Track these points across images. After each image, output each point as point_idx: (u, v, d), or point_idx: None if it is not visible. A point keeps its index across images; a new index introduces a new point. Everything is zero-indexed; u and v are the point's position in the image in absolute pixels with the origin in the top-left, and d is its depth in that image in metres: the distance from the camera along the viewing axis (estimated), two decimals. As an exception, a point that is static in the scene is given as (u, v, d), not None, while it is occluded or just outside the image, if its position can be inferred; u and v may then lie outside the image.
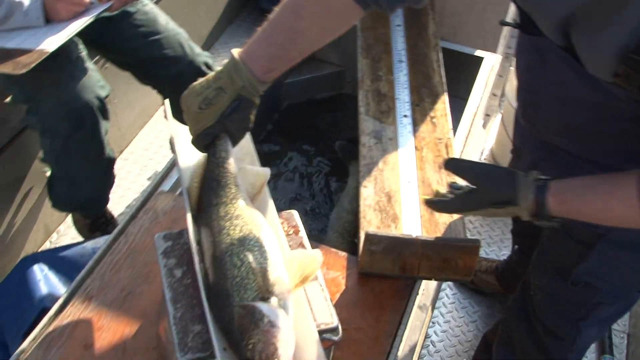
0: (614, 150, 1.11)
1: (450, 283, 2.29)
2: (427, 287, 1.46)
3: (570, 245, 1.30)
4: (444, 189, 1.25)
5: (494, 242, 2.49)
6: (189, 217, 1.10)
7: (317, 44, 1.15)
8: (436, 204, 1.20)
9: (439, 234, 1.37)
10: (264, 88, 1.14)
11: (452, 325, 2.17)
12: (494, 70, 2.02)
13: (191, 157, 1.23)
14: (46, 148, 1.90)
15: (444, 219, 1.41)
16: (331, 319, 1.07)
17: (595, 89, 1.03)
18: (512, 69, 2.23)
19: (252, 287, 0.98)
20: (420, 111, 1.69)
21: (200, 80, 1.13)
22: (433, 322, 2.17)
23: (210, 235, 1.06)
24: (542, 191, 1.08)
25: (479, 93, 1.90)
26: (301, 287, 1.02)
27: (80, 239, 2.28)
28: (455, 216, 1.42)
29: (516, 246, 2.04)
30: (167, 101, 1.33)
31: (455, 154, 1.59)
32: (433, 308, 2.00)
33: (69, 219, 2.34)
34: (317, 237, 1.91)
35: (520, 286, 1.59)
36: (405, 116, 1.67)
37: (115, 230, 1.39)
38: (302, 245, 1.18)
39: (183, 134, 1.28)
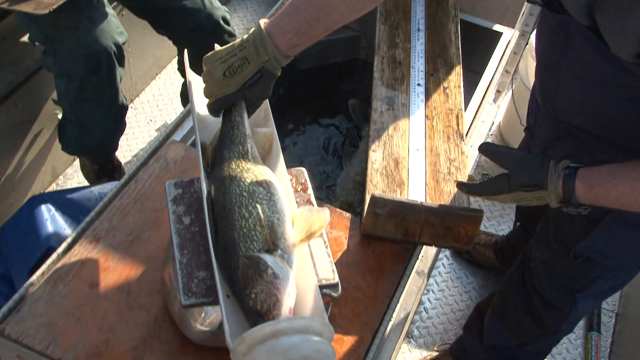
0: (632, 132, 1.13)
1: (447, 253, 2.32)
2: (425, 254, 1.49)
3: (575, 219, 1.32)
4: (478, 176, 1.29)
5: (494, 217, 2.51)
6: (201, 165, 1.12)
7: (343, 21, 1.16)
8: (468, 186, 1.25)
9: (443, 203, 1.39)
10: (287, 62, 1.16)
11: (446, 294, 2.21)
12: (510, 47, 2.02)
13: (205, 110, 1.25)
14: (61, 90, 1.92)
15: (449, 188, 1.43)
16: (332, 275, 1.10)
17: (618, 70, 1.04)
18: (528, 46, 2.22)
19: (258, 239, 1.00)
20: (434, 81, 1.70)
21: (226, 46, 1.15)
22: (427, 290, 2.21)
23: (221, 186, 1.08)
24: (571, 177, 1.12)
25: (493, 68, 1.91)
26: (306, 242, 1.05)
27: (86, 183, 2.31)
28: (460, 186, 1.44)
29: (518, 223, 2.07)
30: (186, 52, 1.34)
31: (465, 126, 1.60)
32: (429, 276, 2.03)
33: (77, 162, 2.36)
34: (325, 197, 1.94)
35: (520, 257, 1.62)
36: (418, 85, 1.67)
37: (126, 176, 1.41)
38: (309, 202, 1.20)
39: (201, 85, 1.30)
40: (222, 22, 2.06)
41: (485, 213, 2.53)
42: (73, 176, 2.40)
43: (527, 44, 2.15)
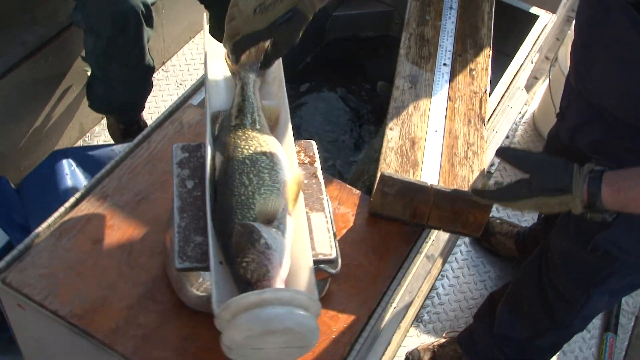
0: None
1: (466, 240, 2.29)
2: (437, 238, 1.47)
3: None
4: (492, 181, 1.26)
5: (519, 207, 2.46)
6: (208, 130, 1.11)
7: None
8: (484, 193, 1.21)
9: (455, 187, 1.36)
10: (320, 5, 1.13)
11: (461, 281, 2.18)
12: (546, 31, 1.95)
13: (220, 78, 1.24)
14: (89, 47, 1.93)
15: (464, 173, 1.40)
16: (330, 251, 1.09)
17: None
18: (571, 32, 2.15)
19: (255, 208, 0.99)
20: (461, 62, 1.65)
21: None
22: (442, 275, 2.18)
23: (225, 152, 1.07)
24: (596, 180, 1.08)
25: (525, 52, 1.84)
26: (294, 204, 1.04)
27: (111, 142, 2.33)
28: (476, 172, 1.40)
29: (542, 215, 2.02)
30: (205, 14, 1.33)
31: (489, 110, 1.56)
32: (445, 261, 2.01)
33: (105, 121, 2.38)
34: (337, 173, 1.92)
35: (538, 248, 1.58)
36: (444, 64, 1.63)
37: (139, 136, 1.41)
38: (315, 175, 1.19)
39: (217, 52, 1.29)
40: None
41: (510, 202, 2.49)
42: (100, 134, 2.43)
43: (569, 30, 2.08)
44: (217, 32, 2.20)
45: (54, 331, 1.18)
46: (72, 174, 1.89)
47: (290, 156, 1.11)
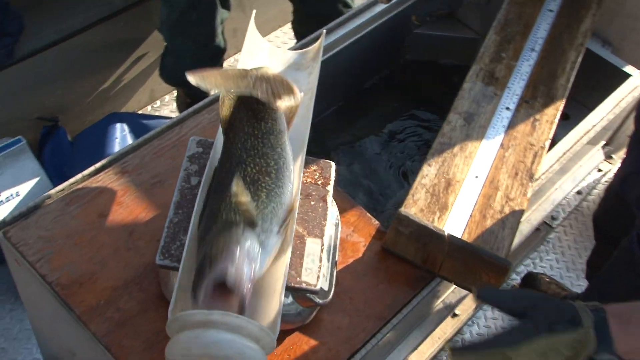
0: None
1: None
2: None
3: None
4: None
5: (575, 269, 2.31)
6: (219, 134, 1.09)
7: None
8: (461, 349, 0.93)
9: (479, 240, 1.27)
10: None
11: (491, 333, 2.07)
12: (636, 92, 1.80)
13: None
14: (163, 18, 1.95)
15: (494, 228, 1.30)
16: (315, 282, 1.04)
17: None
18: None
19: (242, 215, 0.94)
20: (527, 109, 1.54)
21: None
22: (472, 322, 2.08)
23: (227, 162, 1.03)
24: (600, 312, 0.88)
25: (606, 110, 1.70)
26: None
27: (177, 114, 2.36)
28: (507, 229, 1.31)
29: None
30: (254, 12, 1.29)
31: (541, 167, 1.45)
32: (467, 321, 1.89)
33: (176, 92, 2.42)
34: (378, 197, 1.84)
35: None
36: (507, 108, 1.53)
37: (175, 118, 1.40)
38: (323, 199, 1.14)
39: (256, 51, 1.25)
40: None
41: (566, 261, 2.34)
42: (169, 103, 2.46)
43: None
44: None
45: (42, 295, 1.19)
46: (122, 138, 1.92)
47: (297, 172, 1.07)
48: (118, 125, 1.95)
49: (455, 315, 1.76)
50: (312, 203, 1.12)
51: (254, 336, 0.84)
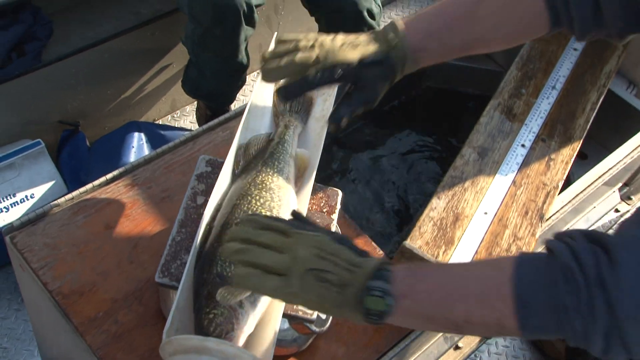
0: None
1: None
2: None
3: None
4: None
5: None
6: (229, 160, 1.09)
7: (486, 42, 1.05)
8: None
9: (483, 279, 1.26)
10: (408, 69, 1.05)
11: (493, 368, 2.04)
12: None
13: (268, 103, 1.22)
14: (188, 32, 1.97)
15: (499, 267, 1.29)
16: (312, 311, 1.03)
17: None
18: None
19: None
20: (542, 147, 1.53)
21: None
22: (476, 355, 2.05)
23: (233, 196, 1.04)
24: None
25: (625, 152, 1.68)
26: None
27: (196, 125, 2.38)
28: (512, 269, 1.29)
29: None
30: (276, 34, 1.30)
31: (552, 207, 1.43)
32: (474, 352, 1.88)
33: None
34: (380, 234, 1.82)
35: None
36: (522, 145, 1.52)
37: (188, 134, 1.41)
38: (327, 227, 1.13)
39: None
40: (365, 13, 2.00)
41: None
42: (189, 114, 2.48)
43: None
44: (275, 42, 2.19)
45: (43, 302, 1.20)
46: (138, 148, 1.94)
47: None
48: (136, 134, 1.97)
49: (458, 347, 1.75)
50: (316, 230, 1.12)
51: (246, 365, 0.84)
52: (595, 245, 0.78)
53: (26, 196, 1.88)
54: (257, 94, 1.21)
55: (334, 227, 1.14)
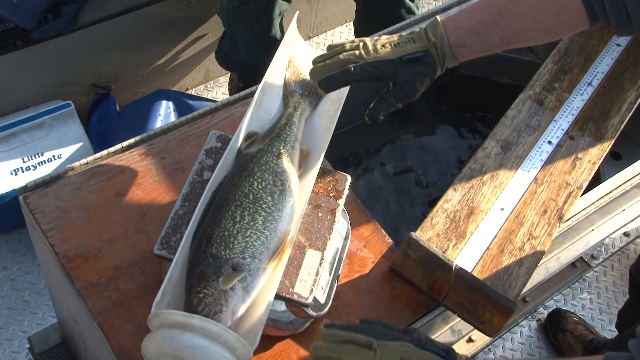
0: None
1: (532, 324, 2.10)
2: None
3: None
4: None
5: (609, 312, 2.22)
6: (238, 135, 1.08)
7: (523, 37, 1.08)
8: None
9: (491, 276, 1.23)
10: (449, 63, 1.09)
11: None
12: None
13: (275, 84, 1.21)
14: (223, 3, 1.96)
15: (509, 264, 1.26)
16: (307, 295, 1.03)
17: None
18: None
19: (233, 249, 0.95)
20: (570, 145, 1.48)
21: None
22: (489, 349, 2.02)
23: (236, 175, 1.03)
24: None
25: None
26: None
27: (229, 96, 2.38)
28: (523, 268, 1.26)
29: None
30: (297, 13, 1.28)
31: (573, 208, 1.39)
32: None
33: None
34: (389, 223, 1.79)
35: None
36: (549, 142, 1.47)
37: (207, 107, 1.41)
38: (332, 212, 1.12)
39: (295, 50, 1.24)
40: None
41: (601, 303, 2.25)
42: (222, 85, 2.48)
43: None
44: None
45: (52, 263, 1.22)
46: (165, 116, 1.94)
47: (300, 204, 1.05)
48: (164, 102, 1.97)
49: (471, 340, 1.73)
50: (320, 215, 1.11)
51: (230, 345, 0.84)
52: None
53: (53, 156, 1.91)
54: (272, 72, 1.19)
55: (339, 213, 1.12)
